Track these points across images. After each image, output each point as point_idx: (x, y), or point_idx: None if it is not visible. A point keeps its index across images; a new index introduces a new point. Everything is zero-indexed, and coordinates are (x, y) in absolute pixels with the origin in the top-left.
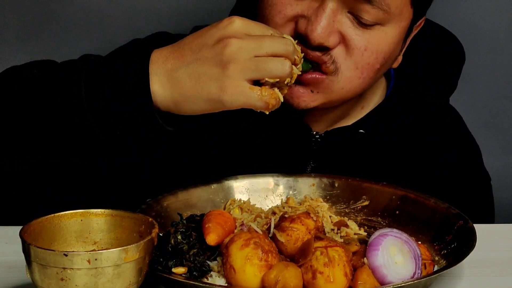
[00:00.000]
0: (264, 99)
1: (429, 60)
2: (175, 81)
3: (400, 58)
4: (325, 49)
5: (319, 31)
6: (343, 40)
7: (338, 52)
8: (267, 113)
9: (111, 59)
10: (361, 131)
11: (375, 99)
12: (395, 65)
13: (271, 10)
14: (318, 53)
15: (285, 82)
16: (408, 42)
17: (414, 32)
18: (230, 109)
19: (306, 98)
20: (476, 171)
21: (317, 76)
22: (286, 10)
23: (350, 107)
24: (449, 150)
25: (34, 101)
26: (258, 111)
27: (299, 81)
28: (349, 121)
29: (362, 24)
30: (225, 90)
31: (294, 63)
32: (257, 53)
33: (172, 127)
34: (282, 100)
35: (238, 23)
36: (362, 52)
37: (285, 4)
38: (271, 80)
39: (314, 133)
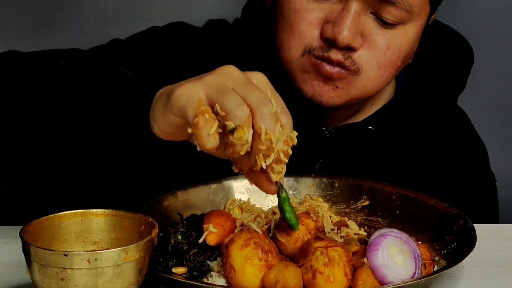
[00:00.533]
0: (197, 112)
1: (438, 61)
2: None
3: (413, 54)
4: (351, 49)
5: (346, 33)
6: (366, 41)
7: (360, 54)
8: (199, 149)
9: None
10: (370, 127)
11: (385, 96)
12: (409, 60)
13: (295, 17)
14: (340, 58)
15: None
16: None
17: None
18: (172, 111)
19: (333, 95)
20: (482, 171)
21: (342, 70)
22: (311, 16)
23: (361, 104)
24: (455, 150)
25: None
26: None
27: (325, 77)
28: (358, 118)
29: (384, 24)
30: (182, 86)
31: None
32: (236, 87)
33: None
34: (215, 143)
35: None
36: (384, 51)
37: (309, 10)
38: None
39: (323, 129)
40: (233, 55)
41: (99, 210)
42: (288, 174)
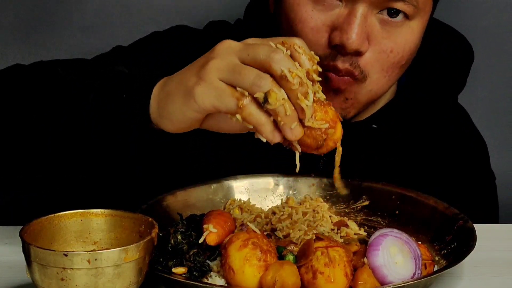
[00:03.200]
0: (236, 95)
1: (438, 59)
2: (163, 91)
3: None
4: (358, 54)
5: (354, 39)
6: (371, 44)
7: (366, 59)
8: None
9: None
10: (374, 126)
11: (387, 94)
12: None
13: (303, 27)
14: (348, 67)
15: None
16: None
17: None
18: (203, 108)
19: (344, 107)
20: (482, 169)
21: (350, 79)
22: (318, 25)
23: None
24: (456, 148)
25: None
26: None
27: (335, 91)
28: (361, 116)
29: (391, 22)
30: (199, 83)
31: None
32: (240, 55)
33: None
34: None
35: (228, 45)
36: (388, 54)
37: (315, 18)
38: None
39: None
40: None
41: (99, 210)
42: (288, 173)
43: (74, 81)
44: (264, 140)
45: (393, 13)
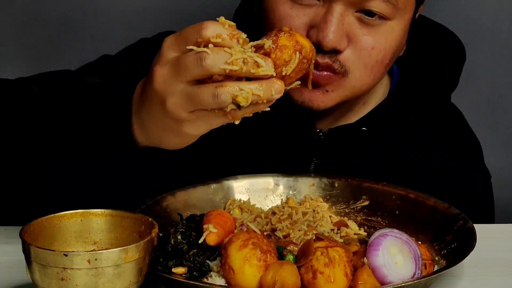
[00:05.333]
0: (220, 114)
1: (430, 59)
2: (144, 128)
3: (404, 47)
4: (337, 52)
5: (331, 37)
6: (351, 41)
7: (346, 56)
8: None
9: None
10: (364, 128)
11: (378, 95)
12: (401, 52)
13: (281, 25)
14: (328, 61)
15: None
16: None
17: (417, 15)
18: (199, 135)
19: (324, 99)
20: (477, 168)
21: (330, 74)
22: (296, 22)
23: (353, 103)
24: (450, 147)
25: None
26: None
27: (314, 84)
28: (352, 118)
29: (369, 22)
30: (181, 125)
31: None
32: (181, 79)
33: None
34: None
35: (164, 45)
36: (370, 52)
37: (293, 16)
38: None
39: (318, 130)
40: None
41: (99, 210)
42: (288, 173)
43: (47, 108)
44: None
45: (371, 13)
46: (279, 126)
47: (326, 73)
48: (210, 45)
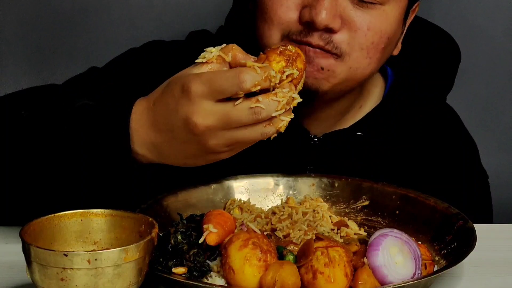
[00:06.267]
0: (268, 136)
1: (425, 60)
2: (164, 154)
3: (399, 45)
4: (330, 31)
5: (324, 15)
6: (345, 23)
7: (341, 37)
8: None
9: (94, 116)
10: (359, 133)
11: (373, 99)
12: (396, 52)
13: (272, 4)
14: (321, 43)
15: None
16: (405, 29)
17: (411, 17)
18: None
19: (318, 77)
20: (474, 169)
21: (323, 52)
22: (288, 2)
23: (348, 106)
24: (446, 148)
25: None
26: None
27: (307, 58)
28: (347, 123)
29: (363, 3)
30: (219, 156)
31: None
32: (227, 128)
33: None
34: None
35: (196, 95)
36: (366, 32)
37: None
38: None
39: (312, 136)
40: None
41: (99, 210)
42: (288, 173)
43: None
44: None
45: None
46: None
47: (318, 50)
48: (260, 98)
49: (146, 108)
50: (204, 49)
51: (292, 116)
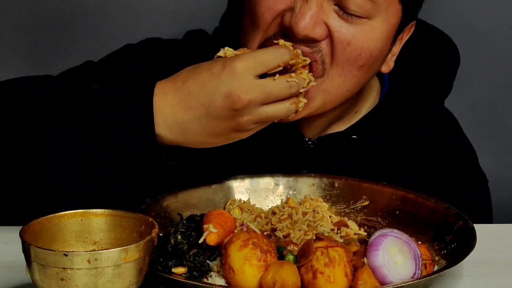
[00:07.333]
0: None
1: (423, 63)
2: (187, 132)
3: (391, 64)
4: (312, 41)
5: (303, 23)
6: (329, 33)
7: (325, 47)
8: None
9: (113, 97)
10: (354, 136)
11: (369, 103)
12: (385, 69)
13: (260, 8)
14: (307, 49)
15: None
16: (399, 48)
17: (406, 37)
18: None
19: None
20: (472, 173)
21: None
22: (275, 6)
23: (343, 111)
24: (444, 152)
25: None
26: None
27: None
28: (342, 126)
29: (348, 16)
30: (241, 135)
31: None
32: (265, 102)
33: (175, 159)
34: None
35: (241, 70)
36: (345, 47)
37: (273, 0)
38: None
39: (307, 139)
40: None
41: (99, 210)
42: (288, 173)
43: (57, 113)
44: None
45: (348, 12)
46: (267, 136)
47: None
48: (292, 74)
49: (172, 88)
50: (220, 48)
51: (306, 100)
